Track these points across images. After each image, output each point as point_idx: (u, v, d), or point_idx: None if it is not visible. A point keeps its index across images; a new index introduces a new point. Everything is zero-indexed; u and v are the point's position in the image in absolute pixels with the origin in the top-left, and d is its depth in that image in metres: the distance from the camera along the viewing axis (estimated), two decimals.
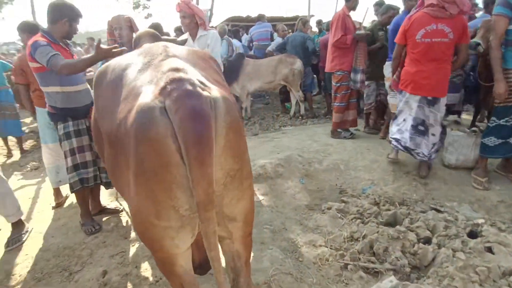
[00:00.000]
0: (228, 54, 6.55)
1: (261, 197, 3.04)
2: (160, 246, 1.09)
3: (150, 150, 0.93)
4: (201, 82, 1.00)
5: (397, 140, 3.23)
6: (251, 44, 7.59)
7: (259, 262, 2.15)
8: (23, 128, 5.53)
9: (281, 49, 6.34)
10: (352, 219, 2.64)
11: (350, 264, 2.10)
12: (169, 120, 0.90)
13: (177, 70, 1.01)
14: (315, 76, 6.61)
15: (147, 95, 0.96)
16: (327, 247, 2.34)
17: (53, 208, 3.17)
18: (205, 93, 0.96)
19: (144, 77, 1.06)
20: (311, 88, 6.44)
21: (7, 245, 2.52)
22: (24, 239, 2.60)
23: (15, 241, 2.55)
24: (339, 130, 4.47)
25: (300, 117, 6.06)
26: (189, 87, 0.94)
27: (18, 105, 5.12)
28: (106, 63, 1.37)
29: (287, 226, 2.62)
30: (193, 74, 1.02)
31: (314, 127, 5.40)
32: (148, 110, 0.92)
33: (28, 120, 6.93)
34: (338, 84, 4.30)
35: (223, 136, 0.97)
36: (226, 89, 1.19)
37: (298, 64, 5.80)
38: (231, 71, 5.87)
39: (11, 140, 5.37)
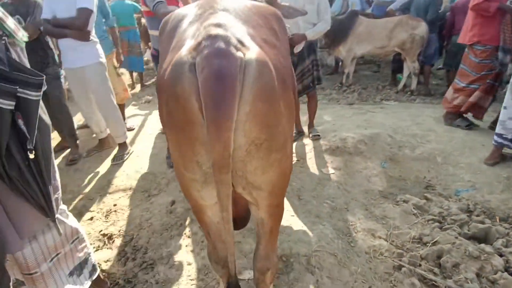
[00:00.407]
0: (342, 11, 5.98)
1: (331, 171, 2.89)
2: (189, 195, 1.16)
3: (177, 105, 0.94)
4: (240, 41, 0.92)
5: (500, 135, 2.56)
6: (371, 0, 6.70)
7: (306, 235, 2.11)
8: (145, 67, 6.43)
9: (405, 9, 5.42)
10: (428, 221, 2.28)
11: (406, 267, 1.86)
12: (196, 78, 0.88)
13: (217, 25, 0.95)
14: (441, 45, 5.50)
15: (184, 49, 0.95)
16: (386, 241, 2.12)
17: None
18: (238, 53, 0.89)
19: (190, 30, 1.05)
20: (433, 59, 5.41)
21: (113, 160, 3.13)
22: (125, 158, 3.17)
23: (118, 158, 3.14)
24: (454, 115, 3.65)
25: (409, 93, 5.26)
26: (222, 45, 0.88)
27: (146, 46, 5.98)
28: (171, 13, 1.40)
29: (349, 207, 2.45)
30: (234, 31, 0.95)
31: (423, 107, 4.64)
32: (179, 64, 0.92)
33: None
34: (477, 60, 3.35)
35: (250, 102, 0.90)
36: (275, 52, 1.08)
37: (422, 29, 4.90)
38: (339, 30, 5.33)
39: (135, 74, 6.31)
